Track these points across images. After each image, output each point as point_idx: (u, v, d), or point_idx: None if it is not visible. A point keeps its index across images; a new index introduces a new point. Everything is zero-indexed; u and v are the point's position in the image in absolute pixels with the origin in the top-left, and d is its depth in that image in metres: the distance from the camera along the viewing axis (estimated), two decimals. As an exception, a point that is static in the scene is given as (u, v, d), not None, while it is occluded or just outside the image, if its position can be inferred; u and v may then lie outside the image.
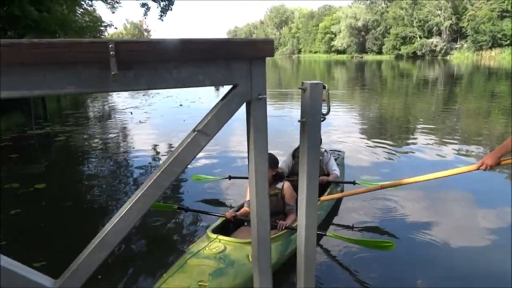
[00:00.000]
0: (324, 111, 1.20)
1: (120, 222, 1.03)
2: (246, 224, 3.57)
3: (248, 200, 3.59)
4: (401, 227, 3.93)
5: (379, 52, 75.23)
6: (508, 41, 51.52)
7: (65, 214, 4.37)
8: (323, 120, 1.21)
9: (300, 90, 1.18)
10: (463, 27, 59.43)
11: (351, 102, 14.70)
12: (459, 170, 2.88)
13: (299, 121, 1.19)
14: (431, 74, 31.15)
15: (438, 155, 6.73)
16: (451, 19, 60.59)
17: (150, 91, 18.56)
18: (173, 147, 7.55)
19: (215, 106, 1.12)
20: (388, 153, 6.86)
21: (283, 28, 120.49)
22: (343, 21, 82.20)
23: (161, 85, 1.02)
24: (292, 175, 4.43)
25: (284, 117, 10.58)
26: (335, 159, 5.22)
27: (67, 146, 7.90)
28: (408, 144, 7.65)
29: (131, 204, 1.04)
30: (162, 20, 18.83)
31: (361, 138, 8.12)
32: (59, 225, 4.06)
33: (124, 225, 1.03)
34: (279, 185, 3.55)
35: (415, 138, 8.23)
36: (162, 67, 1.00)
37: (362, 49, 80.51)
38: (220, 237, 2.96)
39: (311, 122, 1.19)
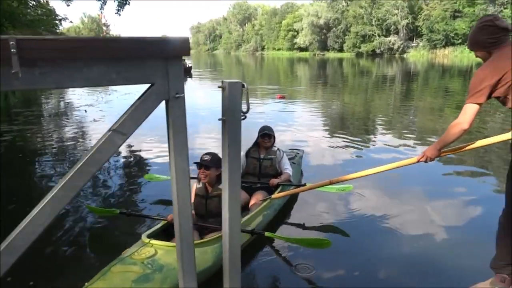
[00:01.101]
0: (244, 109, 1.22)
1: (29, 225, 1.00)
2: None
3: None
4: (351, 224, 3.99)
5: (341, 50, 76.96)
6: (460, 40, 54.11)
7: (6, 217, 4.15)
8: (243, 119, 1.22)
9: (220, 88, 1.19)
10: (419, 26, 61.83)
11: (314, 99, 14.95)
12: (402, 163, 2.96)
13: (219, 119, 1.20)
14: (389, 72, 32.21)
15: (396, 150, 6.96)
16: (407, 18, 62.90)
17: (108, 88, 18.08)
18: (130, 145, 7.38)
19: (132, 105, 1.10)
20: (348, 150, 7.01)
21: (247, 25, 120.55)
22: (305, 19, 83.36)
23: (71, 84, 1.00)
24: (246, 175, 4.42)
25: (247, 120, 10.58)
26: (293, 158, 5.26)
27: (13, 146, 7.53)
28: (368, 141, 7.86)
29: (41, 206, 1.01)
30: (120, 15, 18.32)
31: (322, 136, 8.24)
32: None
33: (33, 228, 1.00)
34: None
35: (375, 135, 8.50)
36: (71, 66, 0.98)
37: (324, 47, 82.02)
38: (153, 241, 2.85)
39: (231, 120, 1.21)
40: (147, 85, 1.12)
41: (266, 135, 4.43)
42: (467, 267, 3.02)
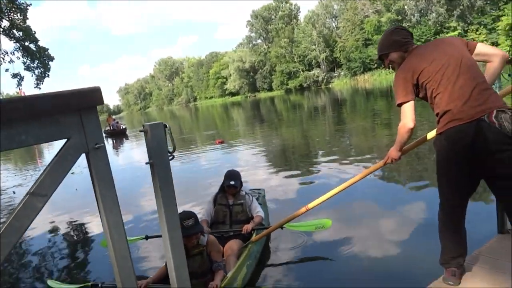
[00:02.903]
0: (170, 149, 1.21)
1: None
2: None
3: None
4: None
5: (270, 89, 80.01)
6: (376, 65, 58.74)
7: None
8: (171, 159, 1.20)
9: (142, 132, 1.17)
10: (337, 57, 66.38)
11: (253, 139, 15.16)
12: (370, 169, 3.02)
13: (146, 163, 1.17)
14: (319, 102, 33.90)
15: (343, 171, 7.25)
16: (325, 51, 67.40)
17: (38, 164, 17.06)
18: (71, 219, 6.93)
19: (49, 163, 1.05)
20: (301, 180, 7.16)
21: (175, 79, 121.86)
22: (231, 65, 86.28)
23: (-25, 152, 0.93)
24: (216, 223, 4.20)
25: (190, 167, 10.46)
26: (256, 198, 4.95)
27: None
28: (315, 168, 8.11)
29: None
30: (40, 88, 17.74)
31: (271, 172, 8.29)
32: None
33: None
34: (203, 241, 3.17)
35: (319, 161, 8.80)
36: (-27, 133, 0.91)
37: (254, 88, 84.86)
38: None
39: (159, 163, 1.18)
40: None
41: (232, 186, 4.23)
42: (422, 268, 3.11)
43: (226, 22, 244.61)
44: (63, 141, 1.07)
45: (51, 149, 23.94)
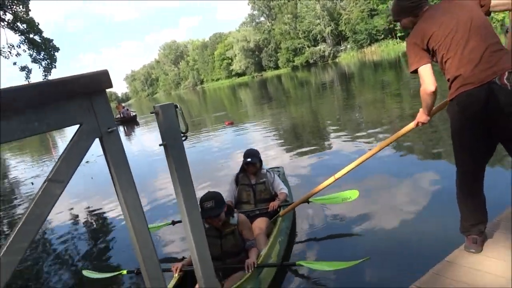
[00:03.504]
0: (183, 129, 1.20)
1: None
2: None
3: None
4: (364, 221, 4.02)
5: (276, 67, 79.17)
6: (382, 35, 57.56)
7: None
8: (185, 139, 1.20)
9: (154, 114, 1.17)
10: (343, 30, 65.10)
11: (262, 119, 15.12)
12: (399, 134, 2.94)
13: (160, 145, 1.17)
14: (327, 78, 33.48)
15: (355, 144, 7.28)
16: (330, 25, 66.11)
17: (53, 155, 17.31)
18: (88, 207, 7.07)
19: (64, 150, 1.05)
20: (315, 156, 7.13)
21: (180, 63, 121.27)
22: (236, 45, 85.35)
23: (-10, 141, 0.93)
24: (240, 203, 4.17)
25: (202, 150, 10.50)
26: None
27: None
28: (325, 143, 8.11)
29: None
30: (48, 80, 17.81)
31: (285, 150, 8.31)
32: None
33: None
34: (234, 220, 3.14)
35: (330, 137, 8.81)
36: (-14, 123, 0.91)
37: (260, 68, 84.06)
38: None
39: (172, 144, 1.18)
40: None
41: (250, 163, 4.19)
42: (442, 239, 3.10)
43: (228, 1, 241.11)
44: (75, 128, 1.07)
45: (64, 139, 24.26)
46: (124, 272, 3.41)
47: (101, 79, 1.06)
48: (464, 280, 2.13)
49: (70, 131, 1.07)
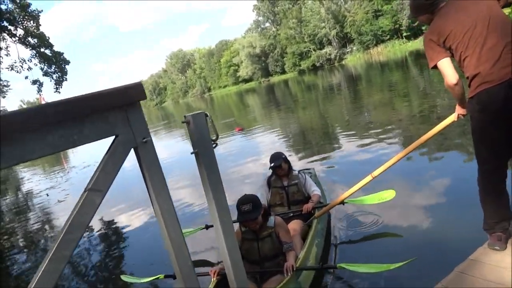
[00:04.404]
0: (213, 137, 1.23)
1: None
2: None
3: None
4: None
5: (283, 71, 79.25)
6: (388, 36, 57.36)
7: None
8: (215, 146, 1.23)
9: (185, 123, 1.20)
10: (348, 32, 65.02)
11: (271, 124, 15.14)
12: (438, 128, 2.90)
13: (191, 153, 1.20)
14: (334, 80, 33.41)
15: (366, 147, 7.27)
16: (335, 28, 66.08)
17: (65, 167, 17.52)
18: (104, 215, 7.13)
19: (101, 161, 1.09)
20: (328, 160, 7.13)
21: (187, 71, 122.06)
22: (242, 52, 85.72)
23: (34, 155, 0.97)
24: (273, 206, 4.12)
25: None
26: None
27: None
28: (336, 146, 8.08)
29: (33, 285, 0.96)
30: (59, 93, 18.12)
31: (296, 155, 8.31)
32: None
33: (29, 312, 0.94)
34: (271, 223, 3.10)
35: (341, 140, 8.77)
36: (31, 137, 0.96)
37: (267, 73, 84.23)
38: None
39: (203, 152, 1.21)
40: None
41: (275, 167, 4.13)
42: (466, 237, 3.08)
43: (234, 7, 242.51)
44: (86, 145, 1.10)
45: (75, 153, 24.51)
46: (162, 276, 3.40)
47: (135, 91, 1.10)
48: (489, 278, 2.12)
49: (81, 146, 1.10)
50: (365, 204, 4.05)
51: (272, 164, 4.12)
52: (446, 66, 2.23)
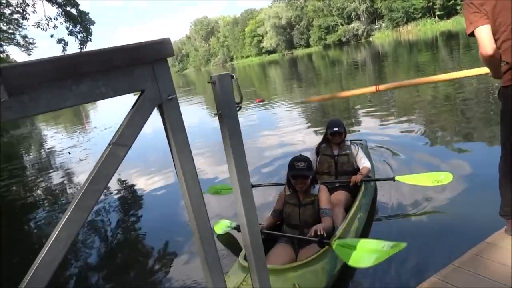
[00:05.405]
0: (237, 100, 1.22)
1: (48, 254, 0.98)
2: (280, 241, 3.04)
3: (276, 209, 3.22)
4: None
5: (307, 45, 77.83)
6: (420, 14, 55.30)
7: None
8: (239, 109, 1.22)
9: (210, 84, 1.19)
10: (378, 8, 62.94)
11: (291, 98, 14.99)
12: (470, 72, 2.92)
13: (215, 114, 1.20)
14: (359, 57, 32.66)
15: (385, 127, 7.19)
16: (365, 2, 63.99)
17: (86, 127, 17.89)
18: (120, 174, 7.29)
19: (127, 115, 1.09)
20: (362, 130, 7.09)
21: (211, 39, 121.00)
22: (267, 22, 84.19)
23: (62, 104, 0.98)
24: (320, 174, 3.99)
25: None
26: None
27: (4, 202, 7.37)
28: (356, 126, 7.97)
29: (56, 233, 0.99)
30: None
31: (315, 131, 8.27)
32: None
33: (52, 257, 0.98)
34: (315, 190, 3.07)
35: (360, 119, 8.63)
36: (59, 86, 0.96)
37: (291, 45, 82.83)
38: None
39: (227, 113, 1.21)
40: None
41: (336, 133, 3.99)
42: (481, 221, 3.04)
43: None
44: (105, 103, 1.10)
45: (96, 113, 24.95)
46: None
47: (163, 47, 1.09)
48: (503, 262, 2.11)
49: (102, 104, 1.10)
50: (418, 184, 3.85)
51: (335, 129, 3.97)
52: (483, 35, 2.00)
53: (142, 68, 1.08)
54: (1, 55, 18.69)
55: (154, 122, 1.30)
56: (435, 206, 3.75)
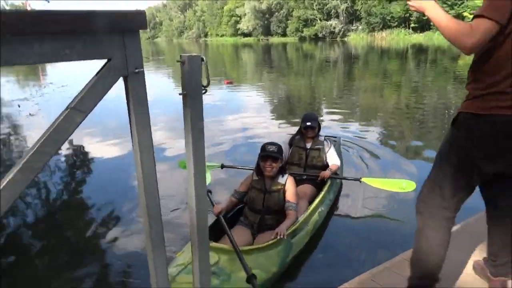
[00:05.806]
0: (204, 83, 1.22)
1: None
2: (239, 223, 3.17)
3: (237, 190, 3.27)
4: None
5: (284, 34, 77.60)
6: (396, 23, 56.63)
7: None
8: (204, 92, 1.22)
9: (179, 63, 1.18)
10: (358, 10, 63.73)
11: (260, 84, 15.02)
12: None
13: (180, 94, 1.19)
14: (332, 55, 33.07)
15: (346, 125, 7.41)
16: (346, 2, 64.56)
17: (41, 81, 17.00)
18: (77, 139, 7.05)
19: (89, 82, 1.07)
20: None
21: (188, 11, 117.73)
22: (247, 4, 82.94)
23: (23, 60, 0.94)
24: (290, 165, 4.09)
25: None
26: None
27: None
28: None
29: (-3, 191, 0.96)
30: (48, 2, 17.21)
31: (272, 120, 8.35)
32: None
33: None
34: (282, 180, 3.14)
35: (323, 115, 8.78)
36: (20, 42, 0.92)
37: (268, 32, 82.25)
38: (212, 244, 2.52)
39: (192, 95, 1.21)
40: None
41: (309, 127, 4.07)
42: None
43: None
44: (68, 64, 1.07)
45: (54, 66, 23.68)
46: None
47: (137, 19, 1.06)
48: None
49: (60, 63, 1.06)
50: (382, 188, 4.01)
51: (306, 124, 4.04)
52: (483, 29, 1.51)
53: (111, 36, 1.05)
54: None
55: (120, 89, 1.27)
56: (389, 211, 3.96)
